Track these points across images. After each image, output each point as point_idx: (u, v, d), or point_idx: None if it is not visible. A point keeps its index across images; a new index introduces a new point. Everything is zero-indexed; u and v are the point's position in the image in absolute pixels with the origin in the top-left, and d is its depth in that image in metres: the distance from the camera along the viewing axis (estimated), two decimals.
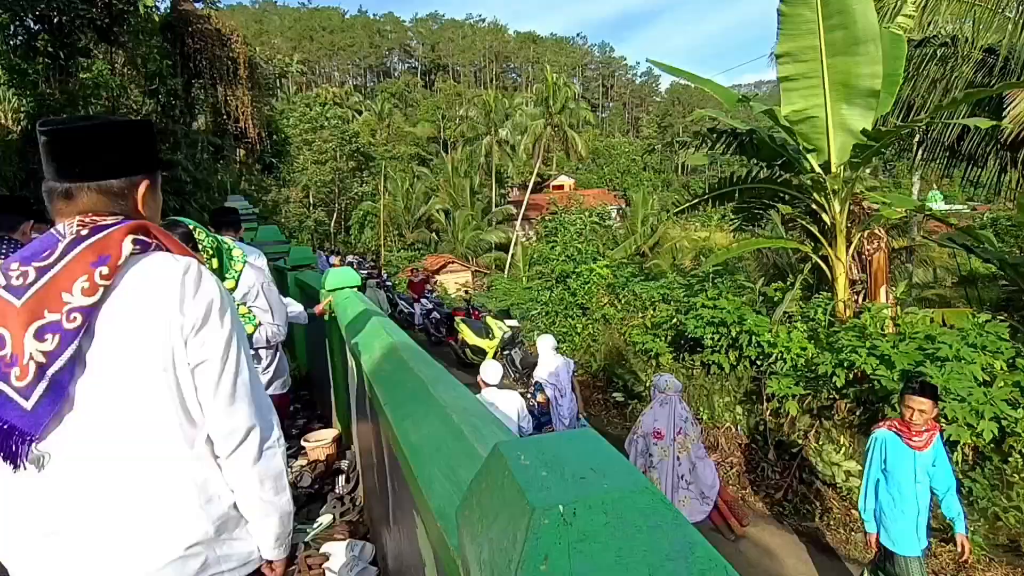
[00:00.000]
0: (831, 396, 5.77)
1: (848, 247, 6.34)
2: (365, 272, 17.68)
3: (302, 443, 4.29)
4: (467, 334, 10.40)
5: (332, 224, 41.00)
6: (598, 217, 19.15)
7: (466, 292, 18.71)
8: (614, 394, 8.40)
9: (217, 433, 1.19)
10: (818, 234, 6.58)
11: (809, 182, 6.38)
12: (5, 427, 1.04)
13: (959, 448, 4.75)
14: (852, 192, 6.28)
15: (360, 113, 54.03)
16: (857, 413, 5.66)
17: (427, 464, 1.21)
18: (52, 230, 1.15)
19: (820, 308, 6.58)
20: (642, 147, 59.46)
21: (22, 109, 13.89)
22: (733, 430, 6.81)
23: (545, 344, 6.10)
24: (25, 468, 1.07)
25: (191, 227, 2.21)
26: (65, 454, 1.10)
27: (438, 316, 12.70)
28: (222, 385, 1.18)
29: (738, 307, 6.82)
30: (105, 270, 1.08)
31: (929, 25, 8.77)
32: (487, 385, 4.49)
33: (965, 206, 21.02)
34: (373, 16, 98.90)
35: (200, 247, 2.23)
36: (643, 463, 4.32)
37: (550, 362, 5.90)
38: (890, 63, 5.76)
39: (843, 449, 5.54)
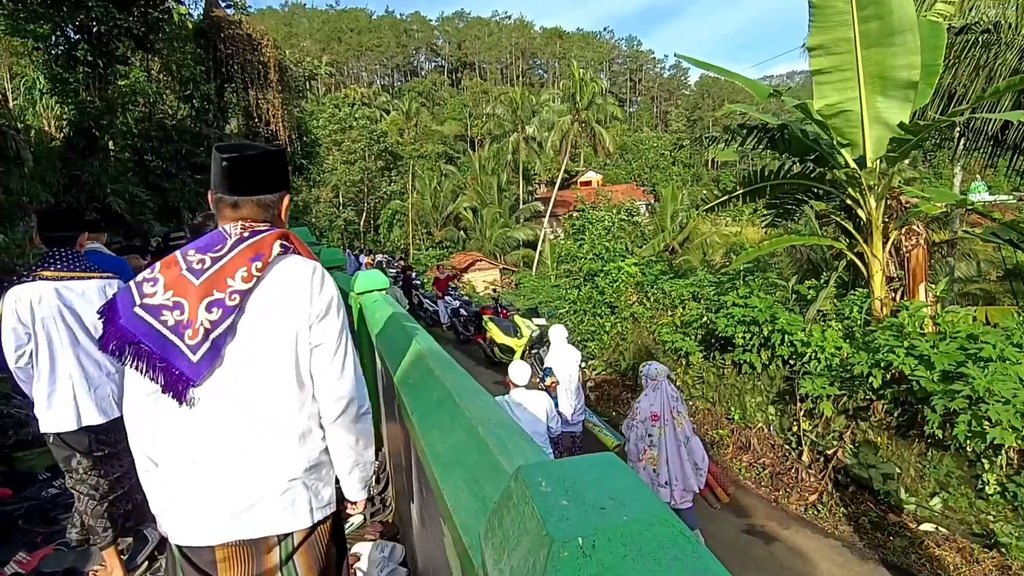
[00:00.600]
0: (867, 397, 5.63)
1: (885, 243, 6.17)
2: (394, 271, 17.87)
3: None
4: (495, 333, 10.43)
5: (361, 223, 41.50)
6: (626, 213, 19.00)
7: (494, 290, 18.74)
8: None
9: (327, 399, 1.50)
10: (853, 230, 6.42)
11: (844, 177, 6.23)
12: (176, 372, 1.36)
13: (1004, 451, 4.59)
14: (889, 187, 6.10)
15: (388, 113, 54.48)
16: (895, 415, 5.51)
17: (452, 476, 1.22)
18: (220, 229, 1.48)
19: (856, 306, 6.42)
20: (671, 141, 58.71)
21: (64, 117, 14.38)
22: (765, 430, 6.70)
23: (558, 333, 6.26)
24: (185, 408, 1.39)
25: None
26: (210, 400, 1.40)
27: (466, 314, 12.76)
28: (335, 362, 1.49)
29: (770, 305, 6.70)
30: (259, 264, 1.42)
31: (971, 11, 8.46)
32: (515, 386, 4.49)
33: (1011, 197, 20.19)
34: (400, 16, 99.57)
35: None
36: (644, 445, 4.46)
37: (562, 351, 6.04)
38: (928, 53, 5.57)
39: (880, 451, 5.40)
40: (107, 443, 2.81)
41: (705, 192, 8.34)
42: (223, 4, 15.84)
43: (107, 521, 2.85)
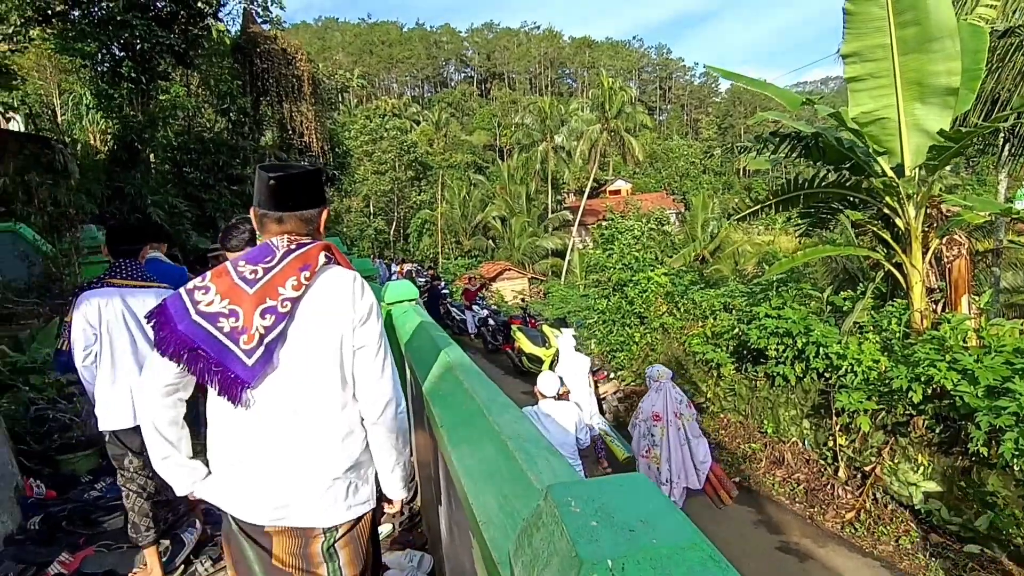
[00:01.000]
0: (907, 412, 5.46)
1: (925, 253, 5.99)
2: (423, 280, 18.03)
3: None
4: (524, 342, 10.42)
5: (391, 232, 42.00)
6: (656, 222, 18.83)
7: (523, 300, 18.74)
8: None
9: (369, 399, 1.61)
10: (891, 240, 6.25)
11: (881, 186, 6.08)
12: (232, 376, 1.46)
13: None
14: (928, 195, 5.94)
15: (418, 123, 55.13)
16: (937, 431, 5.33)
17: (482, 491, 1.23)
18: (268, 241, 1.58)
19: (894, 318, 6.25)
20: (701, 149, 58.09)
21: (108, 131, 14.92)
22: (799, 445, 6.55)
23: (567, 342, 6.33)
24: (240, 408, 1.49)
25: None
26: (262, 401, 1.51)
27: (495, 324, 12.78)
28: (376, 363, 1.60)
29: (804, 317, 6.56)
30: (307, 274, 1.52)
31: (1015, 13, 8.21)
32: (544, 397, 4.49)
33: None
34: (430, 28, 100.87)
35: None
36: (647, 443, 4.64)
37: (570, 358, 6.12)
38: (969, 58, 5.42)
39: (921, 469, 5.23)
40: None
41: (737, 201, 8.22)
42: (259, 20, 16.24)
43: (150, 521, 2.98)
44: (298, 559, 1.58)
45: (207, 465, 1.66)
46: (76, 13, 12.28)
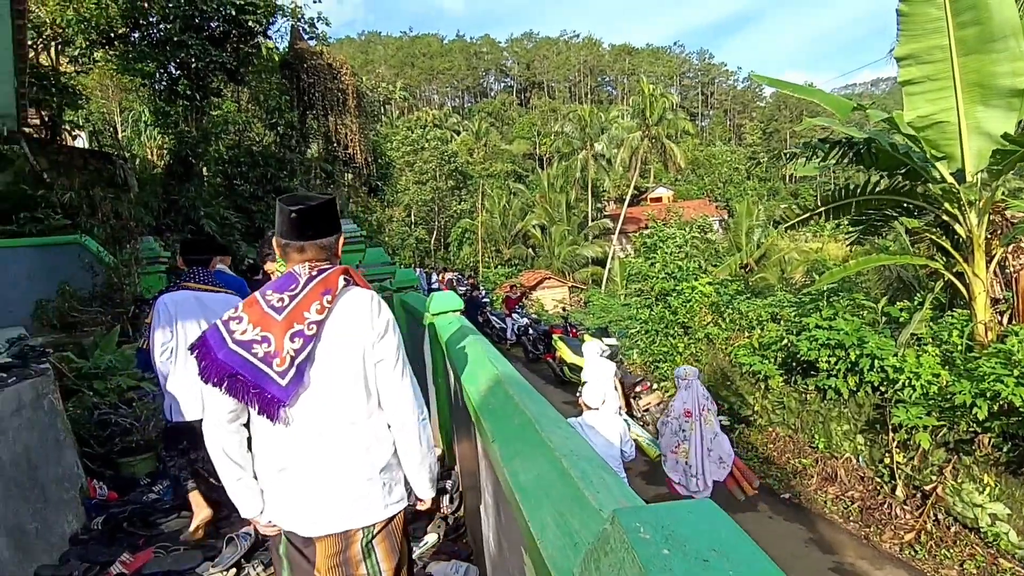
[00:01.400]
0: (971, 429, 5.20)
1: (989, 262, 5.72)
2: (463, 289, 18.18)
3: None
4: (565, 352, 10.37)
5: (432, 241, 42.51)
6: (698, 230, 18.52)
7: (563, 309, 18.67)
8: (719, 417, 8.04)
9: (392, 406, 1.74)
10: (951, 248, 5.99)
11: (939, 192, 5.84)
12: (269, 396, 1.59)
13: None
14: (992, 201, 5.67)
15: (458, 133, 55.75)
16: (1004, 449, 5.05)
17: (538, 509, 1.22)
18: (291, 270, 1.71)
19: (955, 330, 5.97)
20: (745, 155, 56.95)
21: (164, 146, 15.58)
22: (853, 461, 6.31)
23: (592, 347, 6.54)
24: (279, 424, 1.63)
25: None
26: (297, 416, 1.64)
27: (536, 333, 12.77)
28: (395, 373, 1.73)
29: (857, 328, 6.33)
30: (329, 298, 1.65)
31: None
32: (589, 408, 4.44)
33: None
34: (470, 40, 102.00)
35: None
36: (678, 439, 4.87)
37: (595, 364, 6.21)
38: None
39: (987, 489, 4.97)
40: None
41: (784, 208, 8.01)
42: (306, 36, 16.71)
43: (188, 474, 3.38)
44: (340, 563, 1.73)
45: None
46: (136, 35, 12.91)
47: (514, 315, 14.55)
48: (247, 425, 1.73)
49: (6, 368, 3.55)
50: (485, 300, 17.60)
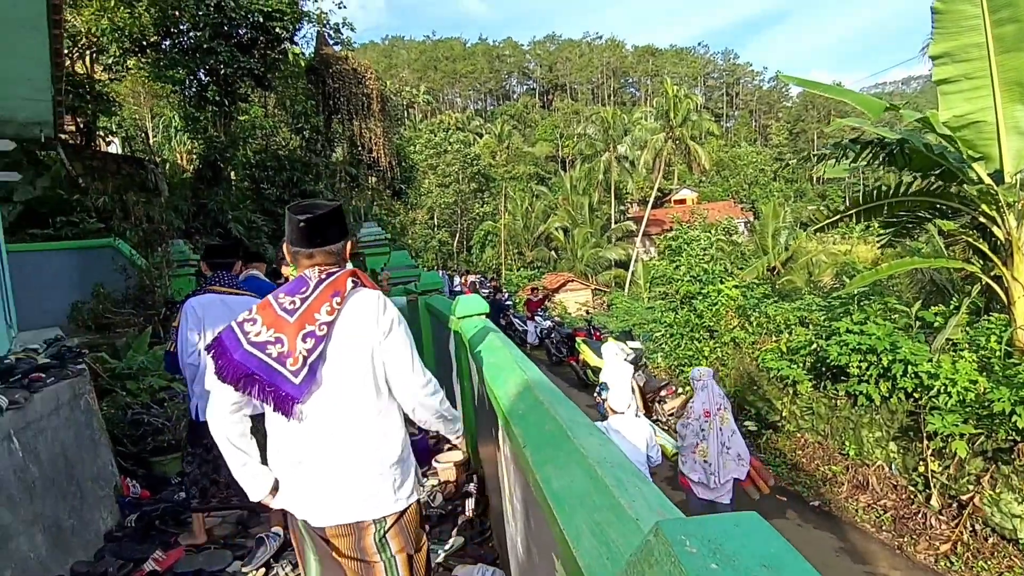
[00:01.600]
0: (1010, 438, 5.04)
1: None
2: (486, 291, 18.22)
3: (433, 463, 4.46)
4: (588, 355, 10.31)
5: (455, 244, 42.68)
6: (723, 232, 18.29)
7: (586, 311, 18.59)
8: (745, 422, 7.92)
9: (409, 390, 1.85)
10: (988, 251, 5.83)
11: (976, 193, 5.68)
12: (284, 394, 1.67)
13: None
14: None
15: (480, 136, 55.89)
16: None
17: (573, 517, 1.21)
18: (302, 274, 1.80)
19: (993, 335, 5.80)
20: (771, 156, 56.13)
21: (194, 151, 15.89)
22: (886, 469, 6.17)
23: (611, 348, 6.70)
24: (294, 420, 1.71)
25: None
26: (311, 413, 1.72)
27: (559, 336, 12.72)
28: (404, 362, 1.82)
29: (890, 333, 6.19)
30: (338, 300, 1.73)
31: None
32: (615, 412, 4.41)
33: None
34: (492, 43, 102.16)
35: None
36: (697, 440, 4.94)
37: (613, 365, 6.35)
38: None
39: None
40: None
41: (813, 209, 7.88)
42: (331, 42, 16.89)
43: (197, 492, 3.41)
44: (355, 551, 1.81)
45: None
46: (167, 43, 13.21)
47: (536, 318, 14.52)
48: (258, 417, 1.83)
49: (45, 368, 3.64)
50: (508, 303, 17.59)
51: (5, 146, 5.84)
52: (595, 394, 7.51)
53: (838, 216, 6.94)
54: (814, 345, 7.24)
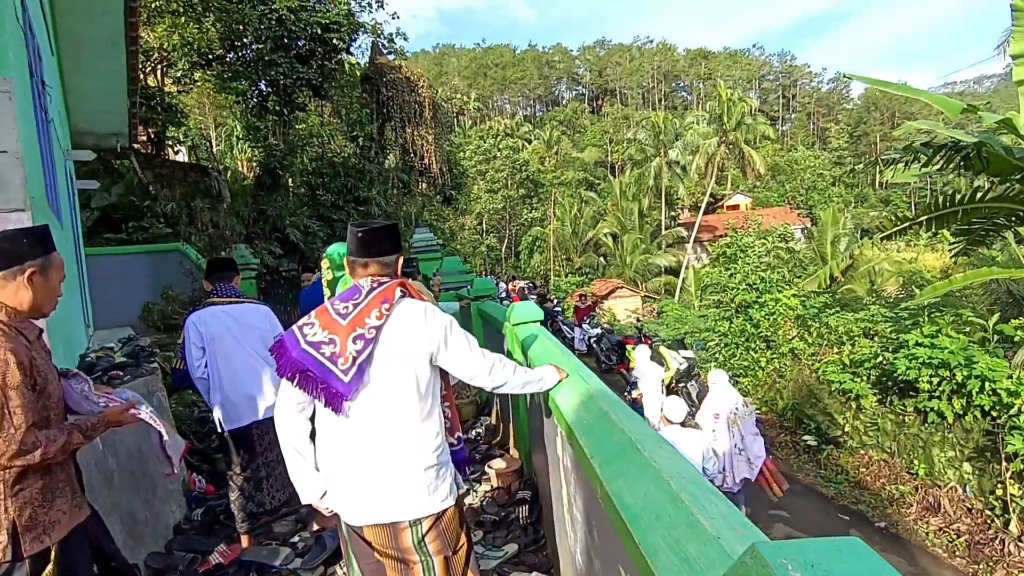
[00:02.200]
0: None
1: None
2: (533, 297, 18.21)
3: (486, 469, 4.47)
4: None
5: (503, 250, 42.87)
6: (779, 239, 17.72)
7: (637, 319, 18.33)
8: (804, 437, 7.64)
9: (483, 375, 1.98)
10: None
11: None
12: (334, 391, 1.79)
13: None
14: None
15: (529, 142, 55.99)
16: None
17: (649, 532, 1.18)
18: (356, 283, 1.95)
19: None
20: (830, 160, 54.13)
21: (254, 159, 16.49)
22: (959, 491, 5.83)
23: (643, 352, 7.09)
24: (341, 417, 1.82)
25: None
26: (359, 411, 1.83)
27: (609, 343, 12.59)
28: (463, 351, 1.94)
29: (964, 347, 5.86)
30: (387, 306, 1.86)
31: None
32: (670, 423, 4.33)
33: None
34: (542, 49, 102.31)
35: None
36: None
37: (645, 368, 6.82)
38: None
39: None
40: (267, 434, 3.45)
41: (877, 215, 7.54)
42: (385, 51, 17.26)
43: (244, 515, 3.50)
44: (394, 550, 1.89)
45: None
46: (231, 56, 13.80)
47: (584, 324, 14.42)
48: (312, 420, 1.95)
49: (122, 367, 3.84)
50: (557, 309, 17.52)
51: (86, 156, 6.20)
52: (625, 392, 7.92)
53: (908, 223, 6.62)
54: (880, 358, 6.92)
